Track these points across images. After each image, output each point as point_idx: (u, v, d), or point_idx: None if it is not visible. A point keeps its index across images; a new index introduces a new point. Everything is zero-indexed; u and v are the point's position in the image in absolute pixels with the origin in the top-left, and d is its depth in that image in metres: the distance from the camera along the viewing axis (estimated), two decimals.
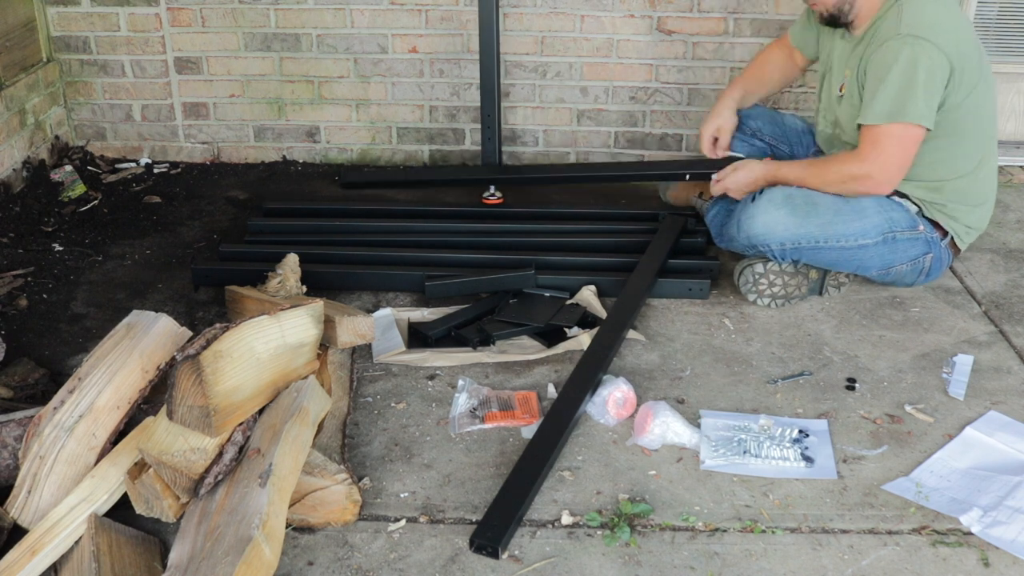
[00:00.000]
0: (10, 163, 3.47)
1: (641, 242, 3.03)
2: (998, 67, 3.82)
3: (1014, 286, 2.97)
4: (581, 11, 3.68)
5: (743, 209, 2.75)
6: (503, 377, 2.47)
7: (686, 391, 2.42)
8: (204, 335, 1.89)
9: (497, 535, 1.89)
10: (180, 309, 2.80)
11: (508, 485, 2.01)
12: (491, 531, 1.90)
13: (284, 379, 2.03)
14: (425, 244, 3.09)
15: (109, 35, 3.72)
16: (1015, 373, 2.51)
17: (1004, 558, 1.90)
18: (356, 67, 3.79)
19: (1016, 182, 3.76)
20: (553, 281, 2.84)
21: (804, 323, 2.74)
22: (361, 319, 2.31)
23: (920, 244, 2.72)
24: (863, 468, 2.15)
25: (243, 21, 3.73)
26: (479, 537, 1.89)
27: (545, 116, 3.85)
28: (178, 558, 1.76)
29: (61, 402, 1.97)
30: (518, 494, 1.98)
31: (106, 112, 3.86)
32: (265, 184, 3.76)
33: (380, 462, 2.16)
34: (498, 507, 1.95)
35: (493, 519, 1.93)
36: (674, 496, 2.06)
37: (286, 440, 1.85)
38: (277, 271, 2.59)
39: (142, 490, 1.88)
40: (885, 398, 2.40)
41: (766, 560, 1.90)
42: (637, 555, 1.90)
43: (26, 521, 1.90)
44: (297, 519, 1.95)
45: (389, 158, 3.95)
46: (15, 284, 2.92)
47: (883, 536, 1.96)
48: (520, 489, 2.00)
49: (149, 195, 3.60)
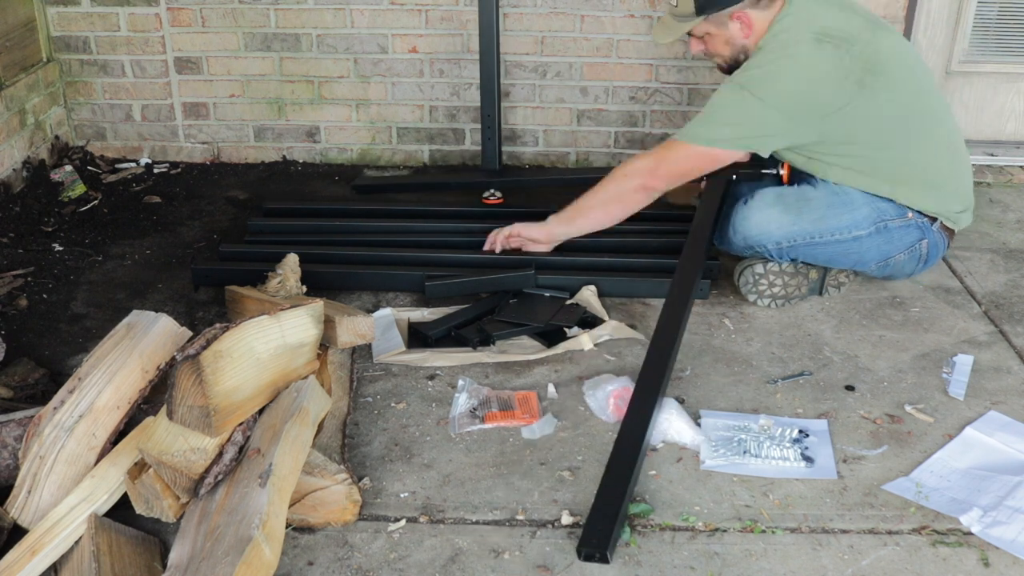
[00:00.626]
0: (10, 163, 3.47)
1: (641, 242, 3.04)
2: (998, 67, 3.82)
3: (1014, 286, 2.97)
4: (581, 11, 3.68)
5: (736, 211, 2.76)
6: (503, 377, 2.48)
7: (686, 391, 2.42)
8: (204, 335, 1.89)
9: (603, 541, 1.87)
10: (180, 309, 2.80)
11: (604, 489, 1.98)
12: (596, 538, 1.88)
13: (284, 379, 2.03)
14: (425, 244, 3.09)
15: (109, 35, 3.72)
16: (1015, 373, 2.51)
17: (1004, 558, 1.90)
18: (356, 67, 3.79)
19: (1016, 182, 3.75)
20: (553, 281, 2.84)
21: (804, 323, 2.74)
22: (361, 319, 2.31)
23: (913, 230, 2.72)
24: (863, 468, 2.15)
25: (243, 21, 3.73)
26: (586, 546, 1.87)
27: (545, 116, 3.86)
28: (178, 558, 1.76)
29: (61, 402, 1.97)
30: (615, 495, 1.96)
31: (106, 112, 3.86)
32: (265, 184, 3.76)
33: (380, 462, 2.16)
34: (598, 512, 1.93)
35: (596, 525, 1.90)
36: (674, 496, 2.06)
37: (286, 440, 1.85)
38: (277, 271, 2.59)
39: (142, 490, 1.88)
40: (885, 398, 2.40)
41: (766, 560, 1.90)
42: (637, 555, 1.90)
43: (26, 521, 1.90)
44: (297, 519, 1.95)
45: (389, 158, 3.95)
46: (15, 284, 2.92)
47: (883, 536, 1.96)
48: (617, 490, 1.97)
49: (149, 195, 3.60)
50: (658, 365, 2.30)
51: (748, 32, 2.68)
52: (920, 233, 2.74)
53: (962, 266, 3.07)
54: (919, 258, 2.78)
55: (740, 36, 2.69)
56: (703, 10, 2.67)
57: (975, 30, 3.78)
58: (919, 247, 2.75)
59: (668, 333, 2.42)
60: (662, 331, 2.42)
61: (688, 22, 2.72)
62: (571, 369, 2.50)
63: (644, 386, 2.24)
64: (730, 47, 2.73)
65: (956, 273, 3.03)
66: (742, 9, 2.64)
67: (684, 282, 2.60)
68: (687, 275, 2.63)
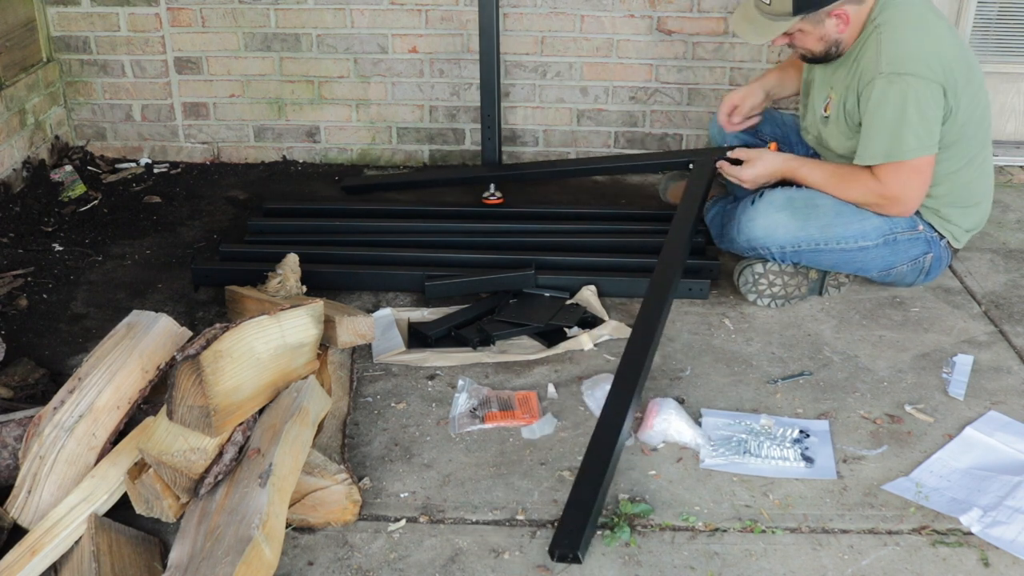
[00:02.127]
0: (10, 163, 3.47)
1: (641, 242, 3.04)
2: (998, 67, 3.82)
3: (1014, 286, 2.97)
4: (581, 11, 3.68)
5: (743, 211, 2.74)
6: (503, 377, 2.48)
7: (686, 391, 2.42)
8: (204, 335, 1.89)
9: (575, 541, 1.87)
10: (180, 309, 2.80)
11: (576, 491, 1.97)
12: (568, 538, 1.88)
13: (284, 379, 2.03)
14: (425, 244, 3.09)
15: (109, 35, 3.72)
16: (1015, 373, 2.51)
17: (1004, 558, 1.90)
18: (356, 67, 3.79)
19: (1016, 182, 3.76)
20: (553, 281, 2.84)
21: (804, 323, 2.74)
22: (361, 319, 2.31)
23: (920, 244, 2.73)
24: (863, 468, 2.15)
25: (243, 21, 3.73)
26: (558, 546, 1.87)
27: (545, 116, 3.86)
28: (178, 558, 1.76)
29: (61, 402, 1.97)
30: (588, 495, 1.95)
31: (106, 112, 3.86)
32: (265, 184, 3.76)
33: (380, 462, 2.16)
34: (570, 513, 1.93)
35: (568, 526, 1.90)
36: (674, 496, 2.06)
37: (286, 440, 1.85)
38: (277, 271, 2.59)
39: (142, 490, 1.88)
40: (885, 398, 2.40)
41: (766, 560, 1.90)
42: (637, 555, 1.90)
43: (26, 521, 1.91)
44: (297, 519, 1.95)
45: (389, 158, 3.95)
46: (15, 284, 2.92)
47: (883, 536, 1.96)
48: (589, 489, 1.96)
49: (149, 195, 3.60)
50: (634, 363, 2.27)
51: (844, 27, 2.59)
52: (927, 247, 2.74)
53: (962, 266, 3.07)
54: (921, 270, 2.78)
55: (835, 32, 2.60)
56: (801, 9, 2.56)
57: (975, 30, 3.78)
58: (923, 260, 2.75)
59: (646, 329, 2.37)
60: (640, 327, 2.38)
61: (784, 21, 2.59)
62: (571, 369, 2.50)
63: (619, 385, 2.21)
64: (823, 43, 2.64)
65: (956, 273, 3.03)
66: (841, 6, 2.55)
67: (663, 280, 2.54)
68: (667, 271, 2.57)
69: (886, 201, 2.62)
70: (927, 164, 2.57)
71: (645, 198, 3.57)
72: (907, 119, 2.50)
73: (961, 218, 2.75)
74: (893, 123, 2.51)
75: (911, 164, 2.55)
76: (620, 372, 2.25)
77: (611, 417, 2.13)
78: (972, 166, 2.69)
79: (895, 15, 2.56)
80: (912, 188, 2.60)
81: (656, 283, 2.52)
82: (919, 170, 2.58)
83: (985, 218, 2.83)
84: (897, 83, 2.50)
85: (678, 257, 2.63)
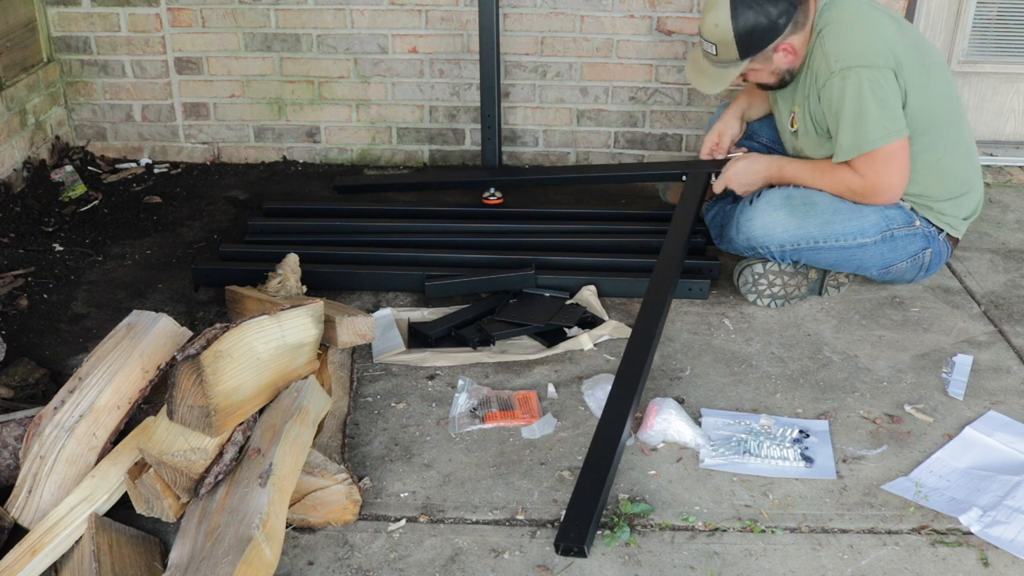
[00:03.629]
0: (10, 163, 3.47)
1: (641, 242, 3.04)
2: (998, 67, 3.82)
3: (1014, 286, 2.97)
4: (581, 11, 3.68)
5: (741, 211, 2.75)
6: (503, 377, 2.48)
7: (686, 391, 2.42)
8: (204, 335, 1.89)
9: (580, 535, 1.87)
10: (180, 309, 2.81)
11: (580, 486, 1.98)
12: (574, 532, 1.88)
13: (284, 379, 2.03)
14: (425, 244, 3.10)
15: (109, 35, 3.72)
16: (1015, 373, 2.52)
17: (1004, 558, 1.90)
18: (356, 67, 3.80)
19: (1016, 182, 3.76)
20: (553, 281, 2.84)
21: (804, 323, 2.75)
22: (361, 319, 2.32)
23: (918, 239, 2.73)
24: (863, 468, 2.15)
25: (243, 21, 3.73)
26: (563, 540, 1.88)
27: (545, 116, 3.86)
28: (178, 558, 1.76)
29: (61, 402, 1.98)
30: (593, 490, 1.96)
31: (106, 112, 3.86)
32: (265, 184, 3.76)
33: (380, 462, 2.16)
34: (575, 507, 1.94)
35: (573, 519, 1.91)
36: (674, 496, 2.06)
37: (286, 440, 1.86)
38: (277, 271, 2.60)
39: (142, 490, 1.88)
40: (885, 398, 2.41)
41: (766, 560, 1.90)
42: (637, 555, 1.90)
43: (26, 521, 1.91)
44: (297, 519, 1.95)
45: (389, 158, 3.95)
46: (15, 284, 2.92)
47: (883, 536, 1.96)
48: (595, 484, 1.97)
49: (149, 195, 3.61)
50: (635, 361, 2.28)
51: (793, 58, 2.67)
52: (925, 242, 2.74)
53: (962, 266, 3.07)
54: (921, 266, 2.79)
55: (785, 63, 2.68)
56: (747, 54, 2.63)
57: (975, 30, 3.78)
58: (922, 256, 2.76)
59: (647, 328, 2.39)
60: (640, 327, 2.39)
61: (734, 68, 2.67)
62: (571, 369, 2.51)
63: (622, 382, 2.22)
64: (776, 75, 2.72)
65: (956, 273, 3.03)
66: (785, 39, 2.62)
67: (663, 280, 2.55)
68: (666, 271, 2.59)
69: (869, 191, 2.64)
70: (899, 147, 2.59)
71: (645, 198, 3.57)
72: (866, 109, 2.54)
73: (955, 208, 2.75)
74: (854, 117, 2.56)
75: (882, 151, 2.58)
76: (620, 372, 2.25)
77: (612, 416, 2.13)
78: (953, 153, 2.71)
79: (833, 16, 2.62)
80: (890, 174, 2.62)
81: (656, 283, 2.53)
82: (892, 155, 2.59)
83: (979, 204, 2.82)
84: (850, 77, 2.55)
85: (677, 257, 2.64)
